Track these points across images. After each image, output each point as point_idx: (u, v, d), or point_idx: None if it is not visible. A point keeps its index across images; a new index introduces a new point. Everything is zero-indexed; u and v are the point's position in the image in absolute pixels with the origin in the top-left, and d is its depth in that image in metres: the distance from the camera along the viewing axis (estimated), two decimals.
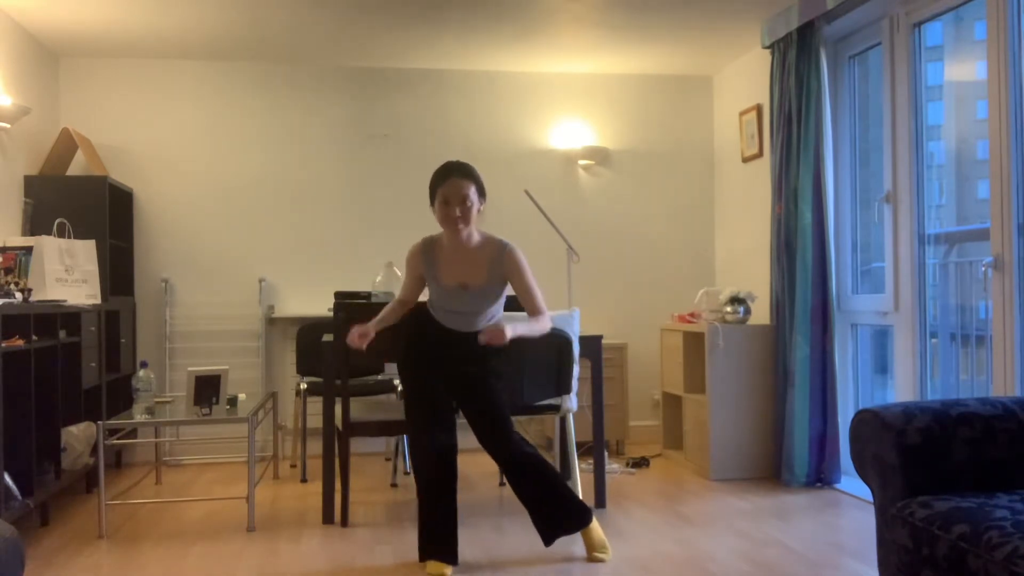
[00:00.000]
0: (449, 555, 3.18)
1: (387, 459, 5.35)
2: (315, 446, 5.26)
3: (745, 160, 5.48)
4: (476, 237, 3.25)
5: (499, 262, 3.22)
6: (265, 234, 5.53)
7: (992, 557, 1.89)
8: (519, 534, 3.66)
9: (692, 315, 5.03)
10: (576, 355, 3.87)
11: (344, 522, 3.84)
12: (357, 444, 5.53)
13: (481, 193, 3.22)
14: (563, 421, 4.20)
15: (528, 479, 3.20)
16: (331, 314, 4.19)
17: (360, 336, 3.21)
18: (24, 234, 4.67)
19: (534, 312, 3.30)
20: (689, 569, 3.17)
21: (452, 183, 3.15)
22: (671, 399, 5.27)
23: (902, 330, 4.11)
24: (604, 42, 5.18)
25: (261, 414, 4.36)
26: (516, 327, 3.15)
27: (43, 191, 4.76)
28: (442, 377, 3.28)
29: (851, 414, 4.55)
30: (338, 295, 4.25)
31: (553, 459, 4.48)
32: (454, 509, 3.21)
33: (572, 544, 3.48)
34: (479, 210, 3.23)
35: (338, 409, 3.81)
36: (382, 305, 3.83)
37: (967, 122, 3.91)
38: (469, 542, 3.53)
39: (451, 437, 3.25)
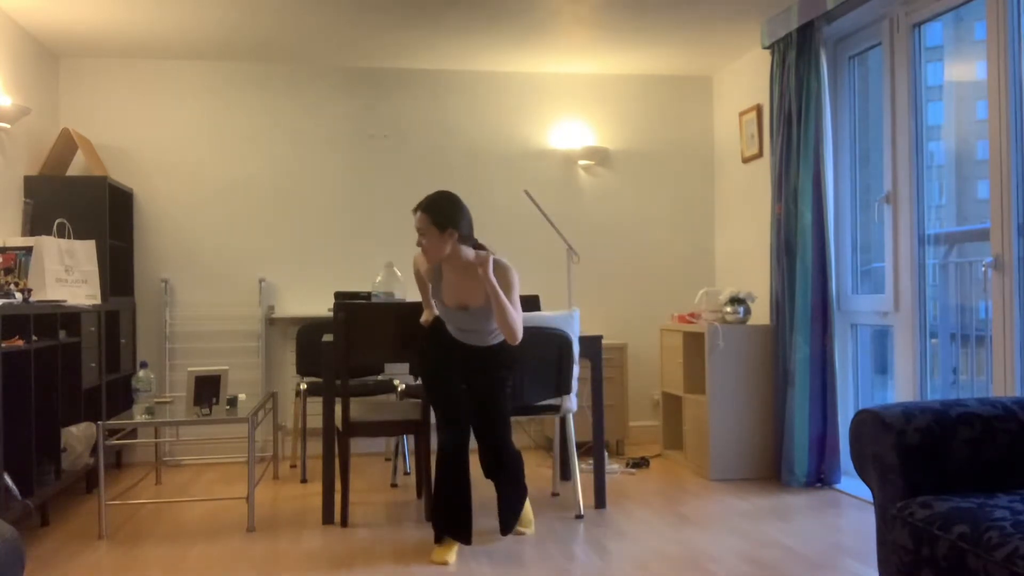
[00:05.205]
0: (461, 533, 3.36)
1: (387, 459, 5.34)
2: (315, 446, 5.26)
3: (745, 160, 5.48)
4: (469, 255, 3.28)
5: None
6: (265, 234, 5.53)
7: (992, 557, 1.89)
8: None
9: (692, 315, 5.03)
10: (576, 355, 3.87)
11: (344, 522, 3.84)
12: (357, 444, 5.53)
13: (444, 224, 3.18)
14: (563, 421, 4.20)
15: (507, 476, 3.44)
16: (331, 314, 4.19)
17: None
18: (24, 234, 4.67)
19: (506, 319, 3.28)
20: (689, 569, 3.17)
21: (417, 216, 3.23)
22: (671, 399, 5.27)
23: (902, 330, 4.11)
24: (604, 42, 5.18)
25: (261, 414, 4.36)
26: (496, 283, 3.20)
27: (43, 191, 4.76)
28: (460, 381, 3.45)
29: (851, 414, 4.55)
30: (338, 295, 4.26)
31: (553, 459, 4.49)
32: (467, 492, 3.39)
33: (571, 544, 3.49)
34: (453, 238, 3.20)
35: (338, 409, 3.81)
36: (382, 305, 3.85)
37: (967, 122, 3.91)
38: None
39: (465, 437, 3.45)
